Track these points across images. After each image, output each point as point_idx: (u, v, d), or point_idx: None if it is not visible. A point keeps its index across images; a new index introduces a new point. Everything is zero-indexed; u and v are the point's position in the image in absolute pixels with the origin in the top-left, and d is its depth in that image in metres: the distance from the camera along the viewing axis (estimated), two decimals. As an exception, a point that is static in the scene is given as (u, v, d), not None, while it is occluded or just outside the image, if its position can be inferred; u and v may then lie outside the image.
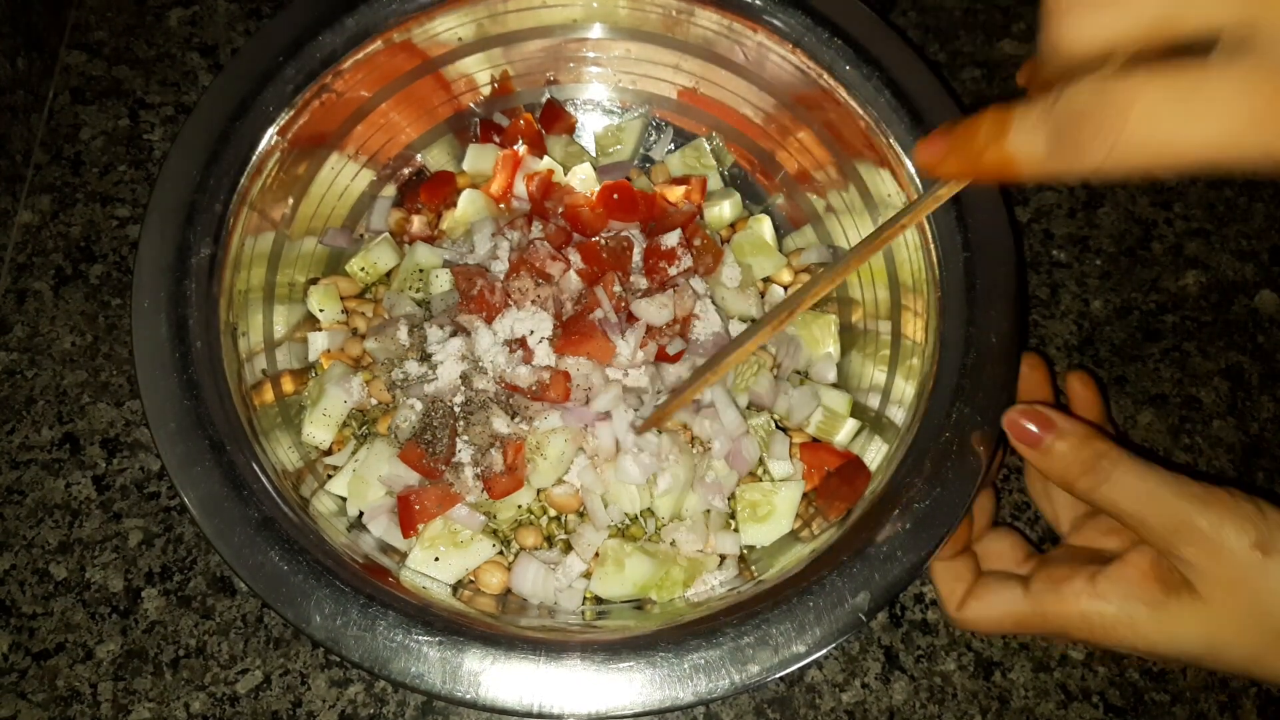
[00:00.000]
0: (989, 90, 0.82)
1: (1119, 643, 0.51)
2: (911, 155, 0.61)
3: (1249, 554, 0.47)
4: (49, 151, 0.76)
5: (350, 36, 0.64)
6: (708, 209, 0.72)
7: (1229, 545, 0.47)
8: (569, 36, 0.71)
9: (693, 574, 0.59)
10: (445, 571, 0.59)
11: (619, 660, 0.50)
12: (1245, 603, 0.47)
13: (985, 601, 0.55)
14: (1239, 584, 0.47)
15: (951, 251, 0.60)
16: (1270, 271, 0.77)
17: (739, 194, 0.74)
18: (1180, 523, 0.48)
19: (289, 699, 0.61)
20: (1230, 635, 0.48)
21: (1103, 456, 0.51)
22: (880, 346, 0.66)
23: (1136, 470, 0.50)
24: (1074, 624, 0.52)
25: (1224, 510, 0.48)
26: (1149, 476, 0.50)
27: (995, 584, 0.56)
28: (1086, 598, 0.51)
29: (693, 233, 0.68)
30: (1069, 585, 0.52)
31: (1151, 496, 0.49)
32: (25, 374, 0.69)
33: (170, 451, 0.53)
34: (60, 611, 0.63)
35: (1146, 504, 0.50)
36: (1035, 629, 0.54)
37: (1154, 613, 0.49)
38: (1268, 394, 0.73)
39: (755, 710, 0.62)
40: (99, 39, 0.81)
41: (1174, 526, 0.48)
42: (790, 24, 0.65)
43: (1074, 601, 0.52)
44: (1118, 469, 0.50)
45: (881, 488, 0.56)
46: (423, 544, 0.59)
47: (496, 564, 0.61)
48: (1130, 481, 0.50)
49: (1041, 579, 0.54)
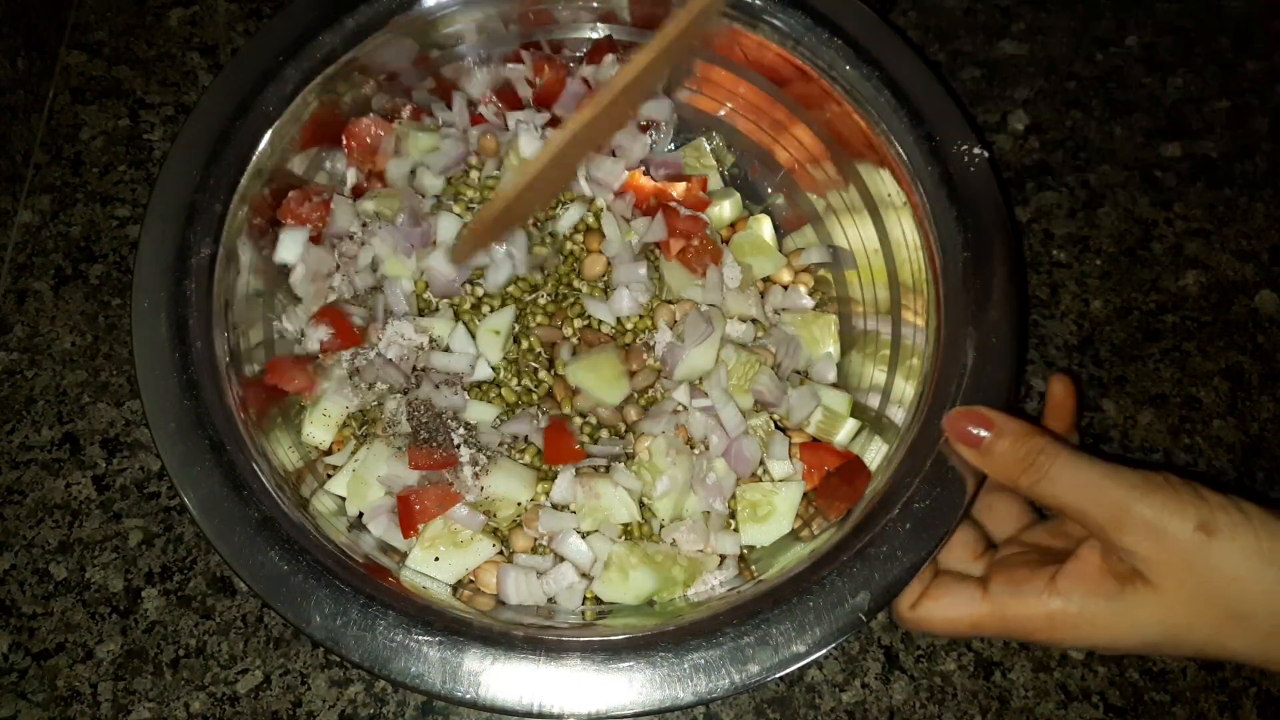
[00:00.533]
0: (989, 90, 0.82)
1: (1082, 640, 0.51)
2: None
3: (1193, 537, 0.47)
4: (49, 151, 0.77)
5: (350, 37, 0.64)
6: (708, 209, 0.72)
7: (1172, 531, 0.48)
8: (568, 36, 0.72)
9: (693, 574, 0.59)
10: (445, 571, 0.59)
11: (619, 660, 0.50)
12: (1195, 585, 0.48)
13: (942, 602, 0.54)
14: (1187, 568, 0.48)
15: (951, 251, 0.60)
16: (1270, 271, 0.77)
17: (739, 194, 0.74)
18: (1122, 512, 0.49)
19: (289, 699, 0.61)
20: (1186, 618, 0.48)
21: (1041, 452, 0.51)
22: (880, 346, 0.66)
23: (1075, 463, 0.50)
24: (1038, 625, 0.52)
25: (1164, 496, 0.48)
26: (1087, 468, 0.50)
27: (952, 584, 0.55)
28: (1049, 597, 0.51)
29: (695, 230, 0.68)
30: (1030, 585, 0.52)
31: (1091, 488, 0.50)
32: (25, 374, 0.69)
33: (170, 452, 0.53)
34: (60, 611, 0.63)
35: (1086, 496, 0.50)
36: (992, 631, 0.54)
37: (1111, 605, 0.50)
38: (1267, 394, 0.73)
39: (755, 710, 0.62)
40: (99, 39, 0.81)
41: (1115, 517, 0.49)
42: (790, 24, 0.65)
43: (1037, 602, 0.51)
44: (1056, 463, 0.51)
45: (881, 488, 0.55)
46: (423, 544, 0.59)
47: (496, 564, 0.61)
48: (1069, 475, 0.50)
49: (1000, 581, 0.53)
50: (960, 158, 0.62)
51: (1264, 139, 0.81)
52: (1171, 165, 0.80)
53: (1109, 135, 0.81)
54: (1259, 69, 0.84)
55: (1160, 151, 0.81)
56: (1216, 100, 0.83)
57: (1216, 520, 0.48)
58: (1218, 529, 0.47)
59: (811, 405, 0.65)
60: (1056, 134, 0.81)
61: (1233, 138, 0.81)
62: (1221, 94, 0.83)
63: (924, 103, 0.63)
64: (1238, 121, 0.82)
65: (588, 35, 0.71)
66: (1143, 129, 0.81)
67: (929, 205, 0.61)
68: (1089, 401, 0.72)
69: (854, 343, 0.69)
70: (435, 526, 0.59)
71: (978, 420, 0.53)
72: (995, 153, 0.80)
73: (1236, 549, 0.47)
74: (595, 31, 0.71)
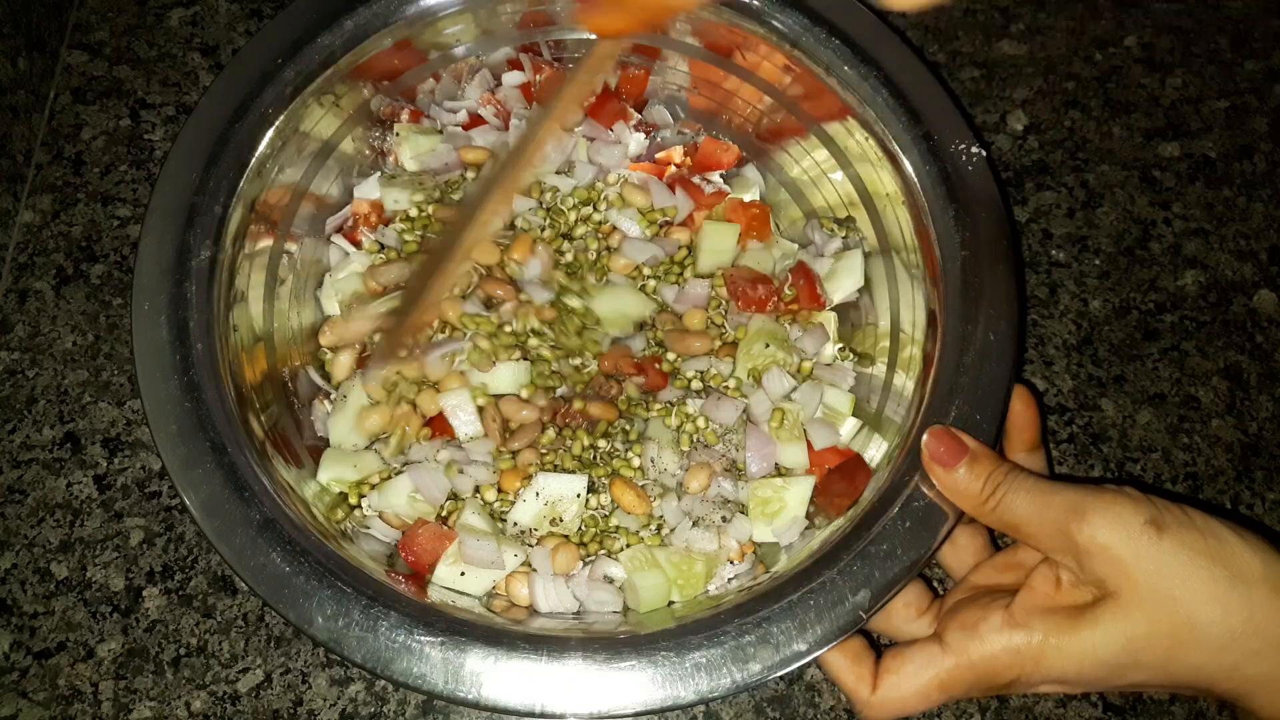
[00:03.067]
0: (988, 90, 0.82)
1: (1052, 672, 0.49)
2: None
3: (1144, 531, 0.47)
4: (50, 151, 0.77)
5: (350, 37, 0.64)
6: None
7: (1124, 527, 0.47)
8: (568, 36, 0.72)
9: (711, 567, 0.59)
10: (473, 585, 0.58)
11: (621, 660, 0.50)
12: (1150, 587, 0.47)
13: (903, 674, 0.51)
14: (1140, 567, 0.47)
15: (950, 251, 0.60)
16: (1269, 271, 0.77)
17: (760, 179, 0.74)
18: (1073, 517, 0.48)
19: (290, 697, 0.61)
20: (1145, 628, 0.47)
21: (1001, 479, 0.51)
22: (879, 344, 0.66)
23: (1027, 485, 0.50)
24: (1005, 663, 0.49)
25: (1112, 496, 0.48)
26: (1039, 488, 0.50)
27: (907, 651, 0.52)
28: (1010, 631, 0.49)
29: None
30: (987, 624, 0.50)
31: (1043, 506, 0.49)
32: (26, 373, 0.70)
33: (171, 454, 0.53)
34: (61, 610, 0.63)
35: (1038, 515, 0.49)
36: (965, 686, 0.50)
37: (1073, 625, 0.48)
38: (1266, 393, 0.73)
39: (755, 709, 0.62)
40: (100, 39, 0.81)
41: (1068, 524, 0.48)
42: (789, 24, 0.65)
43: (999, 639, 0.49)
44: (1011, 487, 0.50)
45: (882, 486, 0.56)
46: (445, 560, 0.58)
47: (524, 575, 0.60)
48: (1021, 498, 0.50)
49: (954, 628, 0.51)
50: (959, 157, 0.62)
51: (1263, 139, 0.81)
52: (1170, 165, 0.80)
53: (1108, 135, 0.81)
54: (1258, 69, 0.84)
55: (1159, 151, 0.81)
56: (1215, 100, 0.83)
57: (1165, 518, 0.48)
58: (1167, 526, 0.47)
59: (814, 402, 0.65)
60: (1055, 134, 0.81)
61: (1231, 138, 0.81)
62: (1220, 94, 0.83)
63: (923, 103, 0.64)
64: (1236, 121, 0.82)
65: (587, 36, 0.71)
66: (1141, 129, 0.82)
67: (928, 204, 0.61)
68: (1088, 401, 0.72)
69: (853, 340, 0.69)
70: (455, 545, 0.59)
71: (952, 443, 0.53)
72: (994, 153, 0.80)
73: (1185, 546, 0.47)
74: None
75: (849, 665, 0.53)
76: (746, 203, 0.70)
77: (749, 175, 0.74)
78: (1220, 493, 0.70)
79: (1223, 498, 0.70)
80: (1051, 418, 0.72)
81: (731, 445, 0.64)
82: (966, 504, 0.52)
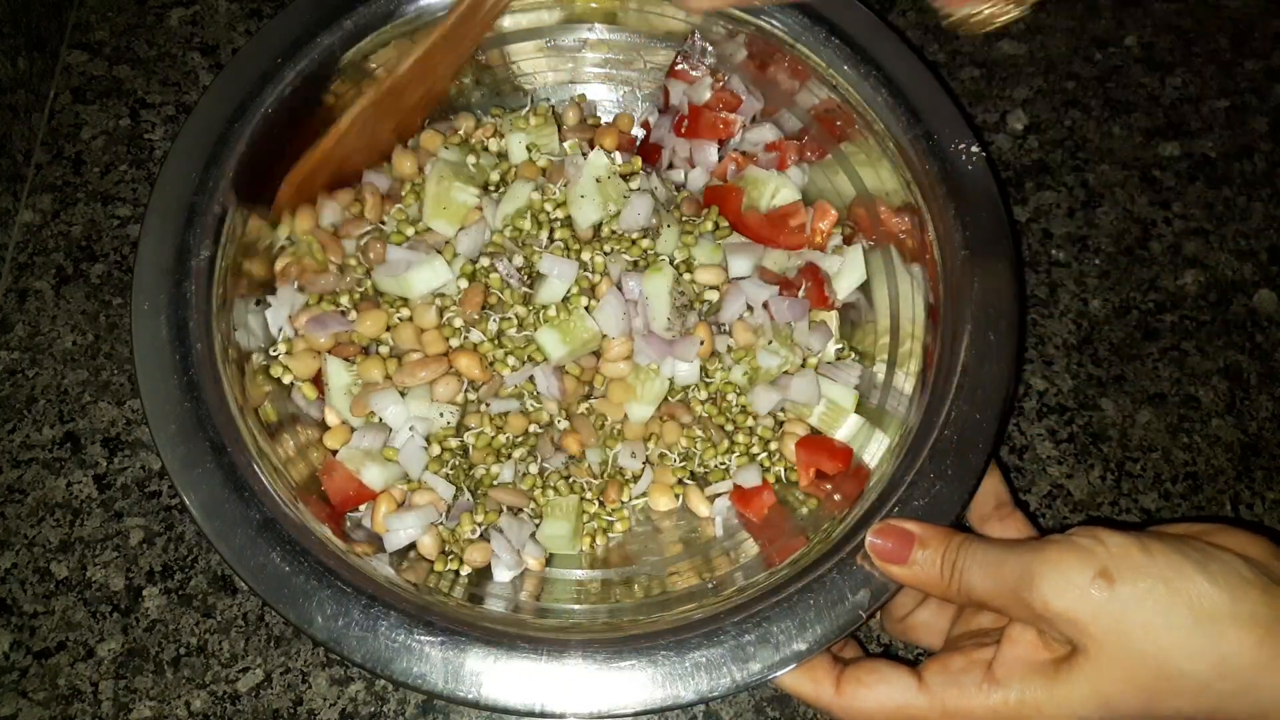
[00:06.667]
0: (988, 90, 0.82)
1: None
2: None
3: (1094, 586, 0.44)
4: (50, 151, 0.77)
5: (349, 36, 0.64)
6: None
7: (1074, 586, 0.45)
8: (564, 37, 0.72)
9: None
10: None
11: (620, 659, 0.50)
12: (1116, 643, 0.45)
13: (874, 691, 0.50)
14: (1099, 625, 0.45)
15: (950, 250, 0.60)
16: (1269, 271, 0.77)
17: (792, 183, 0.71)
18: (1025, 581, 0.46)
19: (290, 697, 0.61)
20: (1118, 687, 0.45)
21: (957, 552, 0.49)
22: (879, 342, 0.66)
23: (979, 557, 0.49)
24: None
25: (1059, 551, 0.46)
26: (989, 559, 0.48)
27: (882, 668, 0.51)
28: (989, 689, 0.48)
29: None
30: (968, 676, 0.49)
31: (997, 579, 0.48)
32: (26, 373, 0.70)
33: (171, 454, 0.53)
34: (61, 610, 0.63)
35: (995, 587, 0.48)
36: None
37: (1050, 684, 0.47)
38: (1266, 393, 0.73)
39: (755, 708, 0.63)
40: (99, 39, 0.81)
41: (1021, 589, 0.46)
42: (788, 23, 0.65)
43: (977, 694, 0.48)
44: (966, 562, 0.49)
45: (881, 484, 0.56)
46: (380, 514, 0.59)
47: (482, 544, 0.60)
48: (976, 573, 0.48)
49: (935, 670, 0.50)
50: (959, 156, 0.62)
51: (1263, 138, 0.81)
52: (1170, 165, 0.80)
53: (1108, 135, 0.81)
54: (1258, 68, 0.84)
55: (1159, 151, 0.81)
56: (1215, 100, 0.83)
57: (1117, 566, 0.45)
58: (1119, 575, 0.44)
59: (814, 395, 0.64)
60: (1055, 133, 0.81)
61: (1231, 137, 0.81)
62: (1220, 93, 0.83)
63: (922, 102, 0.64)
64: (1236, 121, 0.82)
65: (586, 36, 0.71)
66: (1141, 128, 0.82)
67: (927, 204, 0.62)
68: (1088, 400, 0.72)
69: (853, 337, 0.69)
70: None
71: (898, 535, 0.51)
72: (994, 152, 0.80)
73: (1141, 594, 0.44)
74: (593, 32, 0.71)
75: (808, 677, 0.52)
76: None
77: (793, 177, 0.71)
78: (1220, 492, 0.70)
79: (1223, 497, 0.70)
80: (1051, 417, 0.72)
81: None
82: (933, 589, 0.51)
